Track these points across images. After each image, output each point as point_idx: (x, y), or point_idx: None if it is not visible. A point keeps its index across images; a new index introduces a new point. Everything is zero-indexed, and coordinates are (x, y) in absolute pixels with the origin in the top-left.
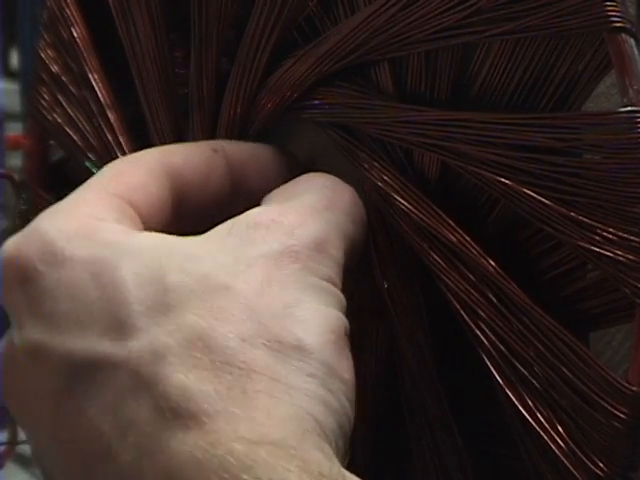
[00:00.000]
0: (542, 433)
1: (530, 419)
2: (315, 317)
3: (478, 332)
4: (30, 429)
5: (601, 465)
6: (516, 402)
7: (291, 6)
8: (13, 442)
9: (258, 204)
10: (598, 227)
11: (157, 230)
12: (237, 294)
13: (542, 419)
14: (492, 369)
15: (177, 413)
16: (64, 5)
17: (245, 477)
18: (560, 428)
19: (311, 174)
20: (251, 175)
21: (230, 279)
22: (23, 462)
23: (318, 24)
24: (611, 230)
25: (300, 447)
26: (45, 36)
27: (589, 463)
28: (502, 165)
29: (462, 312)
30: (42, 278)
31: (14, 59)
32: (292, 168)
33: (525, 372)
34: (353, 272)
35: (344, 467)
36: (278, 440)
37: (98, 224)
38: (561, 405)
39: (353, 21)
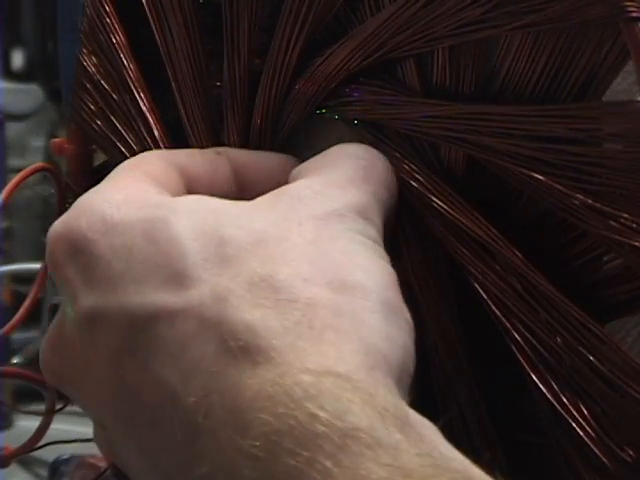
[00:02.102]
0: (570, 420)
1: (558, 407)
2: (371, 263)
3: (506, 322)
4: (86, 401)
5: (629, 451)
6: (544, 390)
7: (318, 6)
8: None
9: None
10: (620, 216)
11: None
12: (293, 245)
13: (570, 406)
14: (520, 358)
15: (245, 350)
16: (103, 13)
17: (310, 406)
18: (588, 415)
19: (344, 145)
20: (255, 177)
21: (284, 233)
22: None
23: (345, 23)
24: (633, 218)
25: (366, 381)
26: (86, 44)
27: (617, 449)
28: (524, 157)
29: (490, 303)
30: (94, 245)
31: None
32: (293, 167)
33: (553, 361)
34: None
35: (408, 403)
36: (344, 373)
37: (143, 192)
38: (588, 392)
39: (378, 19)
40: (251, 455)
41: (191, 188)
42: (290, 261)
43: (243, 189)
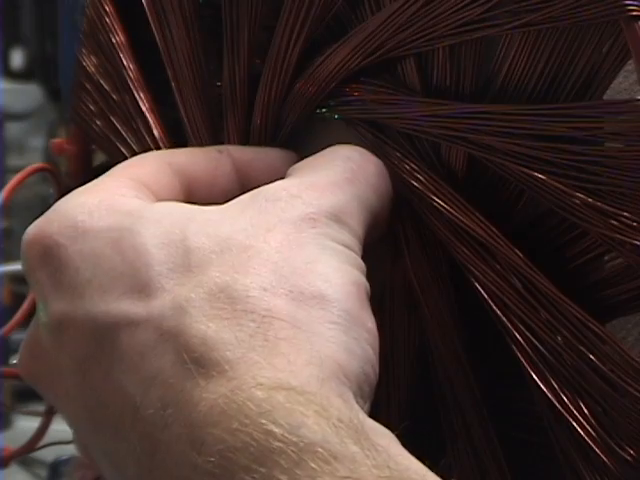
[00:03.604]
0: (570, 420)
1: (559, 406)
2: (335, 272)
3: (506, 322)
4: (60, 405)
5: (630, 450)
6: (545, 390)
7: (318, 5)
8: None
9: None
10: (621, 214)
11: None
12: (258, 252)
13: (570, 406)
14: (521, 358)
15: (199, 363)
16: (103, 14)
17: (263, 422)
18: (588, 414)
19: (337, 146)
20: (258, 174)
21: (250, 240)
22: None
23: (345, 22)
24: (634, 217)
25: (319, 393)
26: (85, 44)
27: (617, 448)
28: (525, 156)
29: (490, 302)
30: (64, 251)
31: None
32: (295, 162)
33: (553, 360)
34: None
35: (367, 412)
36: (297, 386)
37: (118, 198)
38: (589, 392)
39: (378, 18)
40: (207, 471)
41: (191, 188)
42: (251, 270)
43: (246, 186)
